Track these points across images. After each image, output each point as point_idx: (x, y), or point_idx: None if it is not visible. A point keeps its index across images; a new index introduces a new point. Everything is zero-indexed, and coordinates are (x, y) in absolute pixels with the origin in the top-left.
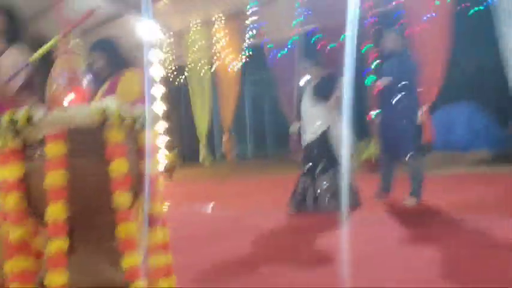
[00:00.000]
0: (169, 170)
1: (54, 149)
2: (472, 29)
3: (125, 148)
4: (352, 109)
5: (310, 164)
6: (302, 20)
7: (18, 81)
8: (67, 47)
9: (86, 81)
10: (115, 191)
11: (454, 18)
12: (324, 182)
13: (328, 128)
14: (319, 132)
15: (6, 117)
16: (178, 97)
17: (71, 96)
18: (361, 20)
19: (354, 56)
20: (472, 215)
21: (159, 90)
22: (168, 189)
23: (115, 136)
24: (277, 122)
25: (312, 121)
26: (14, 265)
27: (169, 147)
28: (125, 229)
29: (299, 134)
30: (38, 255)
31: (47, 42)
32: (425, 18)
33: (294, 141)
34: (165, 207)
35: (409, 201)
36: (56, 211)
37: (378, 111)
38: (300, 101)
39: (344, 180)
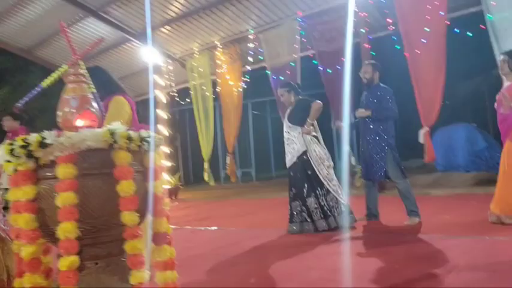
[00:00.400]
0: (173, 193)
1: (64, 171)
2: (470, 50)
3: (132, 170)
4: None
5: (294, 188)
6: (299, 46)
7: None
8: (77, 74)
9: (94, 105)
10: (123, 210)
11: (451, 40)
12: (314, 205)
13: (305, 152)
14: (296, 156)
15: (19, 141)
16: (183, 120)
17: (81, 119)
18: (357, 45)
19: (350, 81)
20: (470, 235)
21: (162, 114)
22: (172, 210)
23: (123, 158)
24: (280, 144)
25: (289, 146)
26: (26, 282)
27: (172, 171)
28: (133, 246)
29: None
30: (48, 272)
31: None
32: (421, 41)
33: None
34: (171, 226)
35: (411, 221)
36: (67, 230)
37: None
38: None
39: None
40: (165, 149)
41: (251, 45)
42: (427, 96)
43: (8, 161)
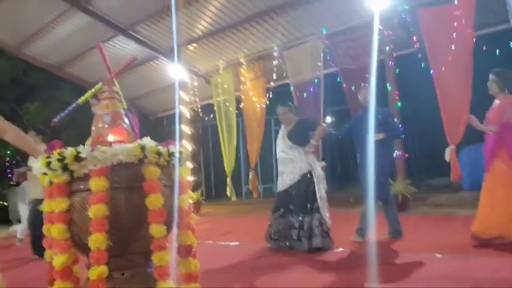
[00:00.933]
0: (195, 207)
1: (97, 184)
2: (497, 68)
3: (161, 184)
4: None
5: (292, 205)
6: (323, 64)
7: None
8: (110, 91)
9: (126, 121)
10: (151, 222)
11: (478, 57)
12: (315, 222)
13: (309, 171)
14: (299, 174)
15: (55, 155)
16: (205, 136)
17: (113, 135)
18: (381, 63)
19: (374, 98)
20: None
21: (186, 129)
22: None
23: (152, 172)
24: None
25: (288, 165)
26: None
27: (195, 186)
28: (160, 257)
29: None
30: (76, 281)
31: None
32: (448, 58)
33: None
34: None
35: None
36: (98, 240)
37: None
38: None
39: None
40: (190, 164)
41: (275, 62)
42: (453, 114)
43: (45, 174)
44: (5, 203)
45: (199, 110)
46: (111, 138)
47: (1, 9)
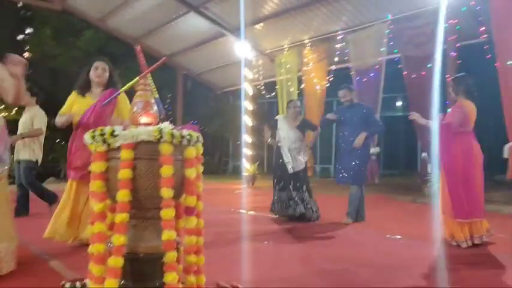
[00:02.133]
0: (250, 180)
1: (125, 154)
2: None
3: (172, 158)
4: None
5: (299, 183)
6: (386, 49)
7: None
8: (145, 84)
9: (155, 108)
10: (162, 186)
11: None
12: (306, 196)
13: (306, 161)
14: (304, 162)
15: (98, 131)
16: (268, 112)
17: (144, 118)
18: (445, 52)
19: (438, 87)
20: None
21: (248, 105)
22: (245, 195)
23: (166, 149)
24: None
25: (298, 154)
26: (95, 228)
27: (254, 159)
28: (166, 213)
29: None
30: (111, 226)
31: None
32: None
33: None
34: (201, 204)
35: (345, 220)
36: (123, 195)
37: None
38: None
39: None
40: (248, 138)
41: (338, 45)
42: None
43: (91, 144)
44: None
45: (262, 88)
46: (143, 120)
47: None
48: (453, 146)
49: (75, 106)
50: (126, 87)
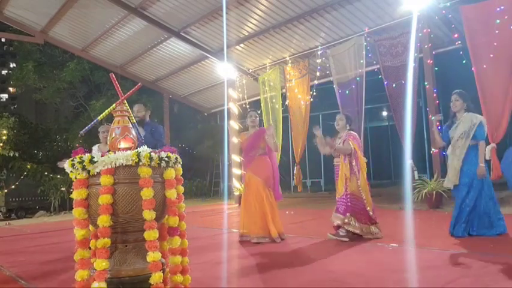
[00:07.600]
0: (239, 199)
1: (105, 180)
2: None
3: (152, 181)
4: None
5: None
6: (365, 61)
7: None
8: (122, 110)
9: (133, 133)
10: (144, 209)
11: None
12: None
13: None
14: None
15: (77, 158)
16: None
17: (123, 143)
18: (421, 60)
19: (414, 95)
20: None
21: (234, 125)
22: (234, 215)
23: (145, 172)
24: None
25: None
26: (78, 255)
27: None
28: (150, 234)
29: None
30: (93, 252)
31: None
32: (490, 56)
33: None
34: (184, 224)
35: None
36: (104, 220)
37: None
38: None
39: None
40: (236, 158)
41: (319, 60)
42: (495, 112)
43: (71, 172)
44: None
45: (247, 107)
46: (122, 145)
47: (70, 18)
48: None
49: None
50: (103, 114)
